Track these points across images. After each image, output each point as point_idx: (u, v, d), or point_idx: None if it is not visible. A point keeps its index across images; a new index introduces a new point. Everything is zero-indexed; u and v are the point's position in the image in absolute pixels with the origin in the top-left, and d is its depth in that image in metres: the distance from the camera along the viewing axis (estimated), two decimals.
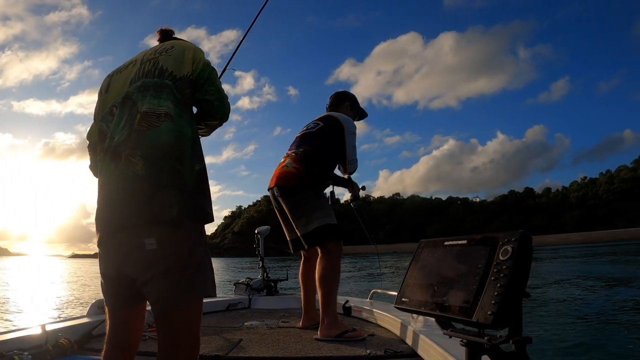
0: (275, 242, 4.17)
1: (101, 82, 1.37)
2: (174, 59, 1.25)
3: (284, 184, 2.56)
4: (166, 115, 1.17)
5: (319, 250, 2.54)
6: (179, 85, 1.22)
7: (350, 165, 2.71)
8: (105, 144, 1.22)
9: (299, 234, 2.56)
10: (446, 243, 0.99)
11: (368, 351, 2.03)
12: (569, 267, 17.42)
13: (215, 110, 1.29)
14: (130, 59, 1.34)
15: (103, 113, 1.28)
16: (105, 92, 1.31)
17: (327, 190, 2.90)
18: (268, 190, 2.72)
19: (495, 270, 0.87)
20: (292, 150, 2.68)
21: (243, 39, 2.53)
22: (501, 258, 0.86)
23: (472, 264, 0.91)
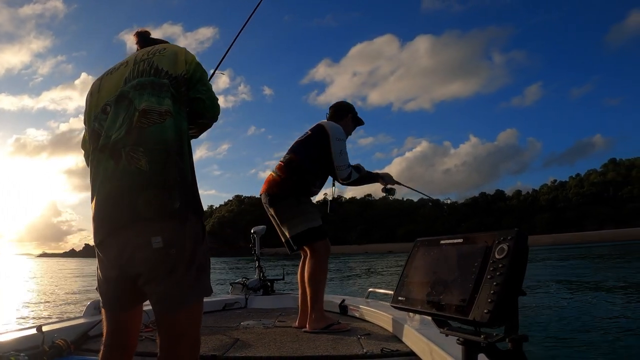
0: (247, 241, 4.13)
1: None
2: (168, 59, 1.23)
3: (270, 191, 2.61)
4: (167, 112, 1.15)
5: (307, 250, 2.58)
6: (175, 84, 1.20)
7: (339, 171, 2.61)
8: (100, 142, 1.16)
9: (288, 237, 2.60)
10: (442, 242, 0.96)
11: (365, 350, 1.97)
12: (543, 267, 17.52)
13: (207, 109, 1.27)
14: (121, 61, 1.30)
15: (95, 112, 1.23)
16: (97, 93, 1.26)
17: (328, 193, 2.88)
18: (260, 195, 2.74)
19: (491, 269, 0.83)
20: (282, 158, 2.70)
21: (233, 42, 2.44)
22: (497, 256, 0.83)
23: (468, 262, 0.87)
